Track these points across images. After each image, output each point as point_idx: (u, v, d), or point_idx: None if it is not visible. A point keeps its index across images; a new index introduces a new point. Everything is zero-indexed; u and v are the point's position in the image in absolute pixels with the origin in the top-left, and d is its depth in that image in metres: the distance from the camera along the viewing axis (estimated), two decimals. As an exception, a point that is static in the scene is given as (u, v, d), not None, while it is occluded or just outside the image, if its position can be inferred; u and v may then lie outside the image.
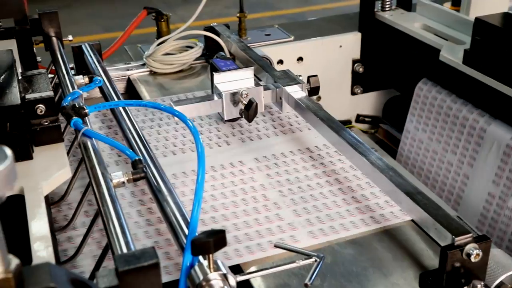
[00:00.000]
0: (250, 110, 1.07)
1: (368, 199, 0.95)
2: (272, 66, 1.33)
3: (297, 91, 1.12)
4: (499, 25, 1.25)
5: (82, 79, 1.14)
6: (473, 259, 0.73)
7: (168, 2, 4.96)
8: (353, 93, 1.80)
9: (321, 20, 1.95)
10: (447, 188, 1.44)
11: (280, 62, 1.65)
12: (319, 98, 1.70)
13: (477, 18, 1.29)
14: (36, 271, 0.47)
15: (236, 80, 1.11)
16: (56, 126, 0.86)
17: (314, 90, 1.15)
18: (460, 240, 0.73)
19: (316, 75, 1.15)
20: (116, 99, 1.08)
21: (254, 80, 1.13)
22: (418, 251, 0.84)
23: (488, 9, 1.58)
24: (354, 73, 1.77)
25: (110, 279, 0.55)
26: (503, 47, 1.24)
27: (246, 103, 1.08)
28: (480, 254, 0.73)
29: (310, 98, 1.11)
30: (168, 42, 1.47)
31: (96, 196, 0.77)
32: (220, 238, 0.61)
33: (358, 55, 1.74)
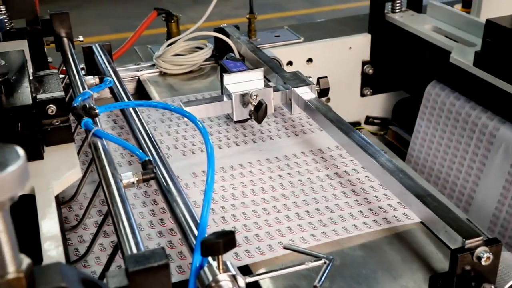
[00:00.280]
0: (259, 112, 1.07)
1: (380, 201, 0.95)
2: (281, 67, 1.33)
3: (306, 93, 1.12)
4: (511, 27, 1.25)
5: (92, 80, 1.15)
6: (483, 262, 0.72)
7: (177, 2, 4.98)
8: (362, 94, 1.80)
9: (330, 21, 1.95)
10: (457, 190, 1.44)
11: (289, 63, 1.65)
12: (329, 99, 1.70)
13: (488, 20, 1.29)
14: (47, 271, 0.48)
15: (245, 81, 1.11)
16: (66, 126, 0.86)
17: (323, 92, 1.15)
18: (470, 243, 0.73)
19: (326, 77, 1.15)
20: (126, 100, 1.09)
21: (264, 81, 1.13)
22: (427, 254, 0.84)
23: (499, 11, 1.57)
24: (364, 74, 1.76)
25: (120, 279, 0.55)
26: (514, 49, 1.23)
27: (255, 104, 1.08)
28: (490, 257, 0.72)
29: (319, 99, 1.11)
30: (178, 43, 1.47)
31: (106, 196, 0.77)
32: (229, 239, 0.61)
33: (367, 57, 1.74)
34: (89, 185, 0.98)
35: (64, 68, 1.24)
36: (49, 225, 0.69)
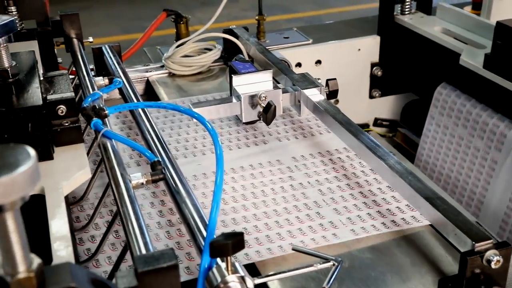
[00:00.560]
0: (268, 113, 1.07)
1: (389, 203, 0.94)
2: (290, 69, 1.32)
3: (315, 94, 1.12)
4: (521, 29, 1.24)
5: (102, 81, 1.15)
6: (493, 266, 0.72)
7: (186, 4, 4.99)
8: (371, 96, 1.79)
9: (339, 23, 1.95)
10: (467, 193, 1.43)
11: (298, 65, 1.65)
12: (337, 101, 1.69)
13: (498, 22, 1.28)
14: (57, 271, 0.48)
15: (254, 82, 1.11)
16: (76, 127, 0.86)
17: (332, 94, 1.15)
18: (480, 246, 0.72)
19: (334, 79, 1.15)
20: (135, 101, 1.09)
21: (273, 83, 1.13)
22: (437, 257, 0.84)
23: (509, 13, 1.56)
24: (373, 76, 1.76)
25: (130, 280, 0.55)
26: (525, 52, 1.23)
27: (264, 106, 1.08)
28: (500, 260, 0.72)
29: (328, 101, 1.11)
30: (187, 44, 1.47)
31: (115, 196, 0.77)
32: (238, 241, 0.61)
33: (376, 59, 1.74)
34: (99, 184, 0.98)
35: (74, 69, 1.25)
36: (58, 225, 0.69)
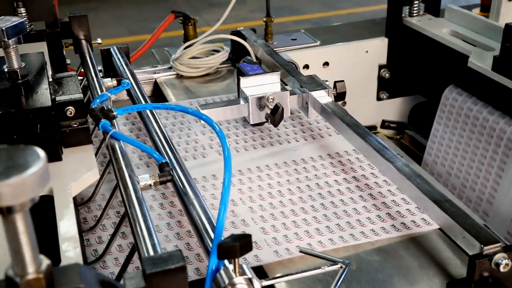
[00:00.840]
0: (276, 115, 1.07)
1: (398, 205, 0.94)
2: (298, 70, 1.32)
3: (323, 96, 1.12)
4: (530, 31, 1.23)
5: (110, 82, 1.16)
6: (502, 269, 0.72)
7: (193, 5, 5.00)
8: (378, 98, 1.79)
9: (347, 25, 1.95)
10: (475, 196, 1.42)
11: (306, 67, 1.65)
12: (345, 103, 1.69)
13: (507, 25, 1.28)
14: (66, 272, 0.48)
15: (262, 84, 1.11)
16: (85, 128, 0.87)
17: (340, 96, 1.15)
18: (488, 249, 0.72)
19: (342, 81, 1.15)
20: (143, 102, 1.09)
21: (281, 84, 1.13)
22: (445, 260, 0.83)
23: (518, 15, 1.56)
24: (380, 78, 1.76)
25: (138, 281, 0.55)
26: (534, 54, 1.22)
27: (272, 108, 1.08)
28: (509, 263, 0.72)
29: (336, 103, 1.11)
30: (195, 45, 1.48)
31: (123, 198, 0.77)
32: (246, 243, 0.61)
33: (384, 61, 1.73)
34: (107, 186, 0.99)
35: (82, 70, 1.25)
36: (67, 226, 0.69)
